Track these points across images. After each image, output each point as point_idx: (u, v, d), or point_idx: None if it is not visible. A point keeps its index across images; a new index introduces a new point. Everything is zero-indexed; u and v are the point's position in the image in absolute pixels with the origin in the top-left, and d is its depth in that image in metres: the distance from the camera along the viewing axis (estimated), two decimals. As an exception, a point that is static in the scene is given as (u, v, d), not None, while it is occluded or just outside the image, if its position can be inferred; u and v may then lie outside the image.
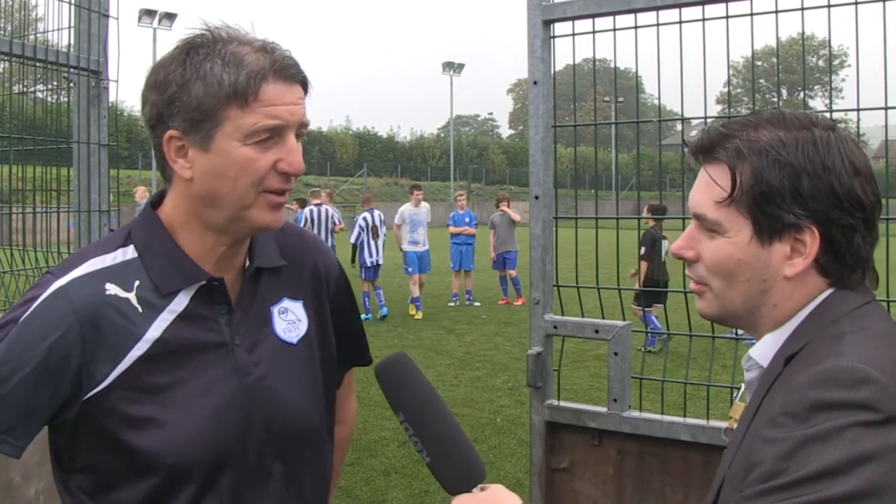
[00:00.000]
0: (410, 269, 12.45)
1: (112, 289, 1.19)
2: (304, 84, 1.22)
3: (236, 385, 1.23)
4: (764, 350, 1.09)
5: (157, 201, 1.28)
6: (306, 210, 12.31)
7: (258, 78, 1.15)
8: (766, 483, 0.89)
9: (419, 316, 12.01)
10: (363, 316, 11.84)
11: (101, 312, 1.16)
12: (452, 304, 13.29)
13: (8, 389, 1.12)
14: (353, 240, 12.27)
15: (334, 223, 12.36)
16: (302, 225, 11.92)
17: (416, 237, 12.51)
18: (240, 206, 1.19)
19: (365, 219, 12.04)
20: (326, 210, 12.37)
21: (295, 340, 1.33)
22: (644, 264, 9.04)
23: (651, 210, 8.43)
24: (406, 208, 12.72)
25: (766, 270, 1.05)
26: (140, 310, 1.19)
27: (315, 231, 12.05)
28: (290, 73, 1.19)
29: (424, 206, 12.82)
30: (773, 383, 1.02)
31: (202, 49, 1.17)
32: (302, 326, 1.35)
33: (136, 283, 1.21)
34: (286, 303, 1.35)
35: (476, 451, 1.12)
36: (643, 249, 9.08)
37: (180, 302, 1.22)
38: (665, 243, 9.31)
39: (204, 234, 1.24)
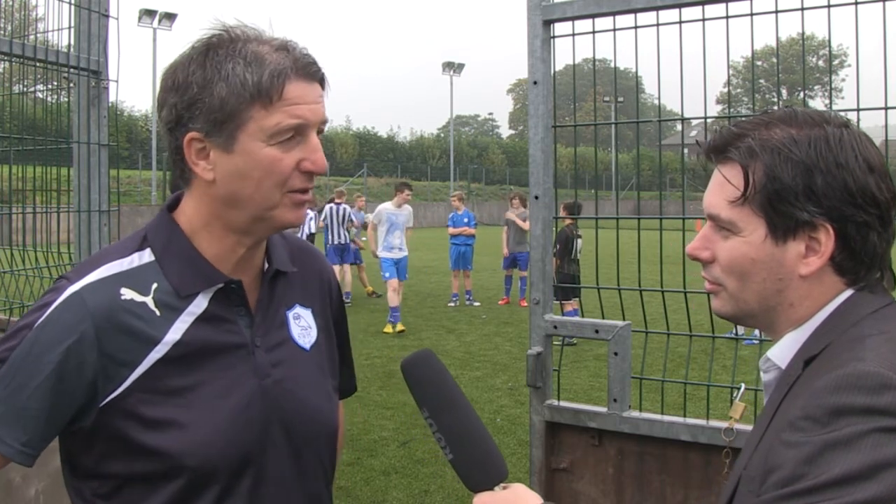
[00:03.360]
0: (388, 275, 10.83)
1: (127, 293, 1.17)
2: (323, 82, 1.21)
3: (255, 386, 1.23)
4: (782, 351, 1.08)
5: (172, 205, 1.27)
6: (327, 207, 13.05)
7: (281, 77, 1.14)
8: (786, 487, 0.89)
9: (399, 328, 10.44)
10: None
11: (116, 317, 1.15)
12: (452, 304, 13.26)
13: (26, 396, 1.11)
14: (322, 219, 13.00)
15: (351, 220, 13.16)
16: (323, 219, 12.94)
17: (391, 241, 10.98)
18: (265, 207, 1.18)
19: (331, 208, 12.93)
20: (345, 208, 13.08)
21: (308, 346, 1.33)
22: (555, 261, 9.57)
23: (566, 208, 8.57)
24: (385, 207, 11.22)
25: (781, 269, 1.05)
26: (158, 313, 1.18)
27: (334, 227, 12.99)
28: (311, 72, 1.18)
29: (407, 208, 11.29)
30: (793, 386, 1.01)
31: (221, 49, 1.15)
32: (312, 334, 1.35)
33: (154, 286, 1.20)
34: (298, 309, 1.35)
35: (498, 450, 1.12)
36: (557, 247, 9.66)
37: (199, 304, 1.21)
38: (579, 242, 9.98)
39: (224, 236, 1.23)
